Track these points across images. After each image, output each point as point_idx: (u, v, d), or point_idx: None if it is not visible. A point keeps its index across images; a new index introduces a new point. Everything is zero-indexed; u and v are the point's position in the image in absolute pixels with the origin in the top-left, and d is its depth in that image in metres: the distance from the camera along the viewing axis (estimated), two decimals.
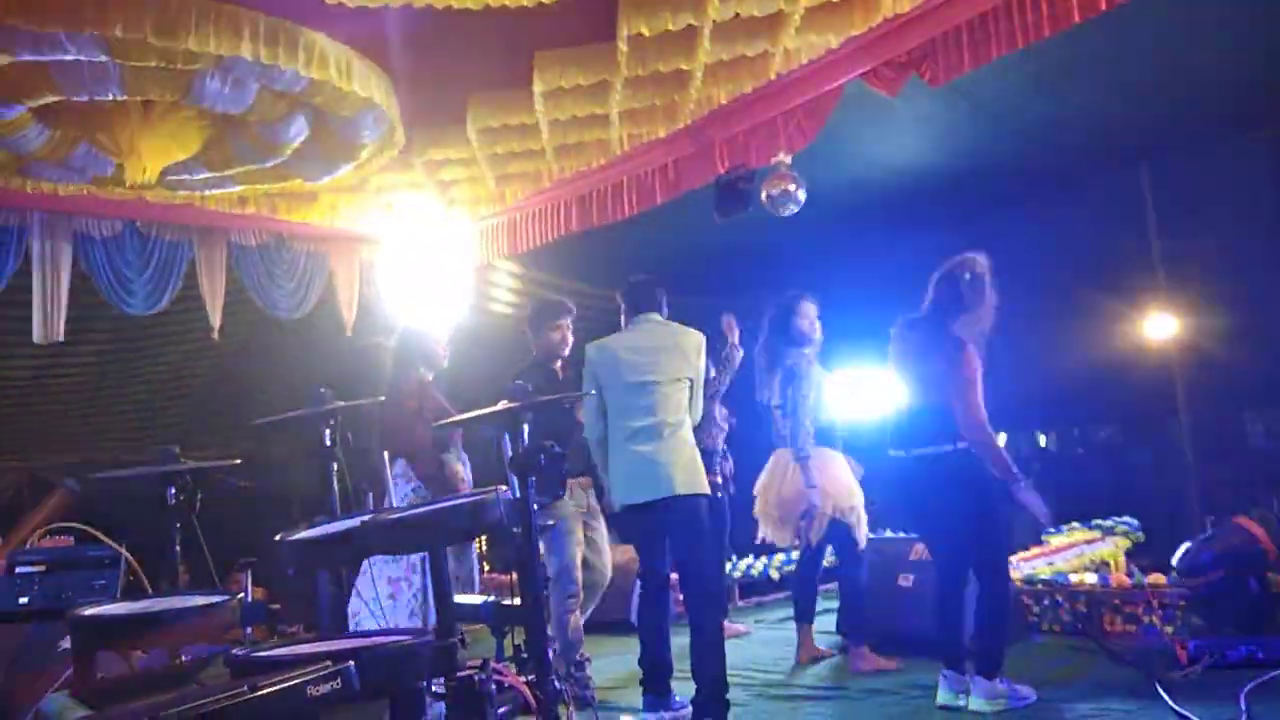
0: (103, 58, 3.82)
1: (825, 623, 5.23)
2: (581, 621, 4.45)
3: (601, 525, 4.69)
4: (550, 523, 4.40)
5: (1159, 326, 7.10)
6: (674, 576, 4.16)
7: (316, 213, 5.95)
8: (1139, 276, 7.10)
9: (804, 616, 4.89)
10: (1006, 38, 4.12)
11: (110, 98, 4.15)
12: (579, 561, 4.45)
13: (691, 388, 4.05)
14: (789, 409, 4.70)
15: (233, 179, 5.14)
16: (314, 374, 5.14)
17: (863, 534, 4.71)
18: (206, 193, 5.38)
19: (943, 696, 3.83)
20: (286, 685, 1.63)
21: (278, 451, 7.37)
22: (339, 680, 1.69)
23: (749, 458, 5.53)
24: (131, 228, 5.56)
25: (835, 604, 5.19)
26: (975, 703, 3.68)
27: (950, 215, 6.86)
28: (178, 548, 2.81)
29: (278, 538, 2.63)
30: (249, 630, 2.77)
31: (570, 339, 4.64)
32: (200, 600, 2.49)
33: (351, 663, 1.71)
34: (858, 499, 4.69)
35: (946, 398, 3.75)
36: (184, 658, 2.62)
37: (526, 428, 2.40)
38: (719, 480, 5.79)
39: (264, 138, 4.69)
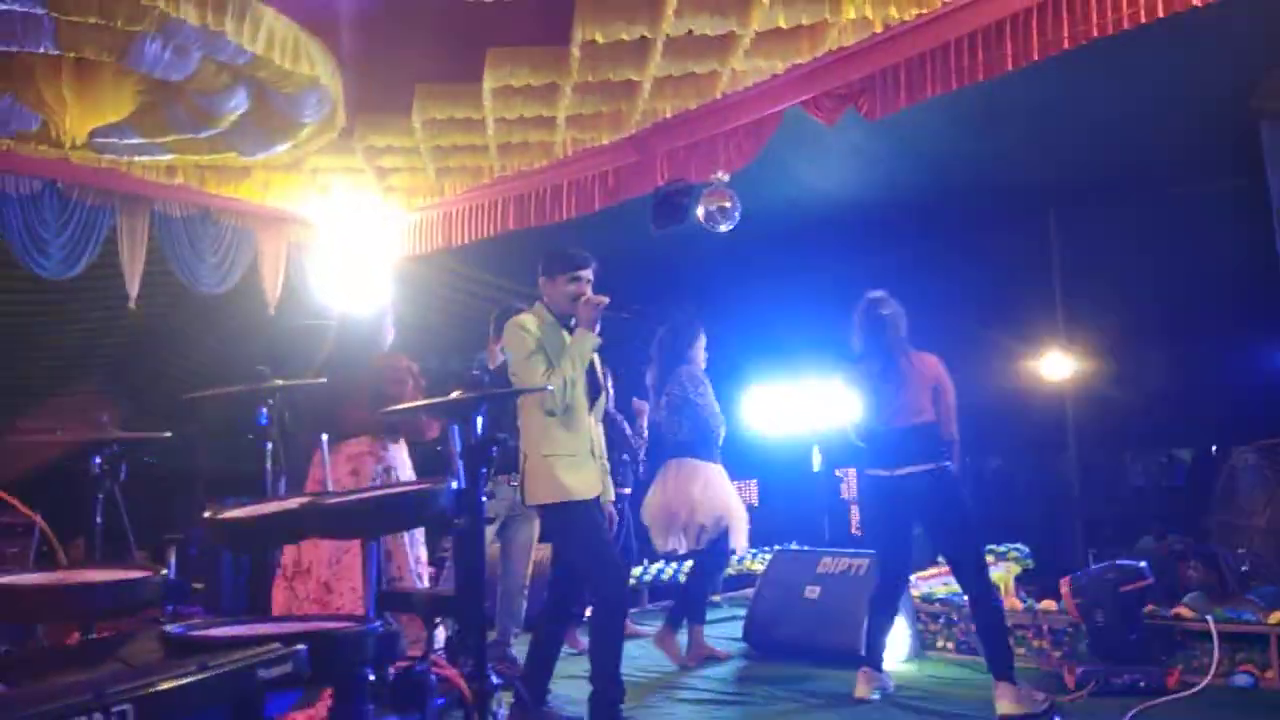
0: (38, 10, 3.68)
1: (733, 629, 5.48)
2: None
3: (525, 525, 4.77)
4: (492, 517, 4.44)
5: (1055, 366, 7.50)
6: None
7: (247, 189, 5.80)
8: (1040, 318, 7.50)
9: (695, 618, 5.09)
10: (942, 79, 4.33)
11: (42, 51, 3.99)
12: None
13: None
14: (676, 421, 4.98)
15: (163, 146, 4.98)
16: (234, 352, 5.01)
17: (738, 543, 5.00)
18: (134, 158, 5.20)
19: (861, 690, 4.10)
20: (238, 666, 1.61)
21: (187, 430, 7.14)
22: (290, 664, 1.67)
23: None
24: (51, 188, 5.32)
25: (741, 611, 5.39)
26: (1005, 706, 3.76)
27: (868, 245, 7.11)
28: (99, 519, 2.71)
29: (206, 515, 2.57)
30: (170, 608, 2.70)
31: None
32: (126, 574, 2.40)
33: (303, 646, 1.70)
34: (727, 509, 4.92)
35: (922, 420, 4.06)
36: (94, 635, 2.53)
37: (480, 419, 2.41)
38: (626, 493, 5.86)
39: (201, 107, 4.56)
